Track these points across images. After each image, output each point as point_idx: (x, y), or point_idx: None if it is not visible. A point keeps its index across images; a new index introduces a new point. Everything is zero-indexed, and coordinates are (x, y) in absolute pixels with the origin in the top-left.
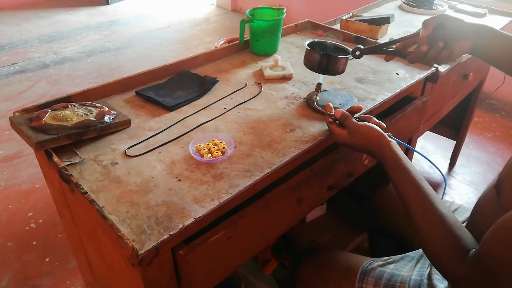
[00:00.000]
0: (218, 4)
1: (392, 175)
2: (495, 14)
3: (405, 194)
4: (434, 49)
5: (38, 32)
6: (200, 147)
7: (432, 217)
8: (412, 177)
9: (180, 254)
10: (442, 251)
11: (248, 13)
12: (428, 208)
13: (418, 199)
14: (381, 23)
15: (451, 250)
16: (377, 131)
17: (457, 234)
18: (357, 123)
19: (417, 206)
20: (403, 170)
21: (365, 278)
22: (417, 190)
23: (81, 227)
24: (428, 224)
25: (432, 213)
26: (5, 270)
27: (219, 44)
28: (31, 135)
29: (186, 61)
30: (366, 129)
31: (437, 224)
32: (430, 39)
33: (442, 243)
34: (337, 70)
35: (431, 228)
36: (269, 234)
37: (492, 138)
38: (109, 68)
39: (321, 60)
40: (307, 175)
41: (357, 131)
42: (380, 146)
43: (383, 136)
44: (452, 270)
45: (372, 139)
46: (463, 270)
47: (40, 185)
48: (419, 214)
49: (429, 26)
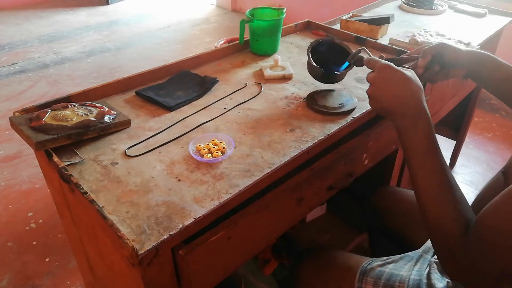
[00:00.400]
0: (218, 4)
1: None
2: (495, 14)
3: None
4: (430, 71)
5: (38, 32)
6: (200, 147)
7: (447, 185)
8: (432, 133)
9: (180, 254)
10: (448, 218)
11: (248, 13)
12: (444, 175)
13: (432, 159)
14: (381, 23)
15: (457, 219)
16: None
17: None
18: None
19: (430, 165)
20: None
21: (364, 278)
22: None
23: (81, 227)
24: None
25: (448, 181)
26: (5, 270)
27: (219, 44)
28: (31, 135)
29: (186, 61)
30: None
31: (447, 191)
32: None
33: (449, 209)
34: (336, 81)
35: (440, 193)
36: (269, 234)
37: (492, 138)
38: (109, 68)
39: (322, 76)
40: (307, 175)
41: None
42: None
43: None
44: (455, 238)
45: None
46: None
47: (40, 185)
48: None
49: (427, 56)
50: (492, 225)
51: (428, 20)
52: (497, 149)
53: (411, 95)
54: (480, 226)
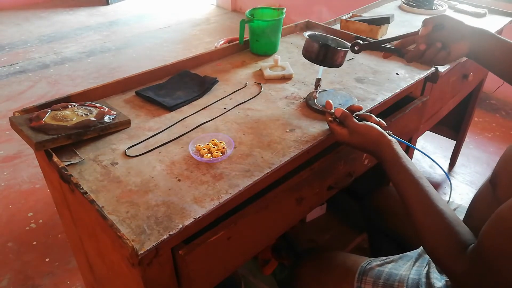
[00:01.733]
0: (218, 4)
1: (392, 174)
2: (495, 14)
3: (404, 192)
4: (432, 49)
5: (38, 33)
6: (200, 147)
7: (431, 213)
8: (411, 175)
9: (180, 254)
10: (442, 246)
11: (248, 13)
12: (428, 205)
13: (417, 197)
14: (381, 23)
15: (451, 246)
16: (376, 130)
17: (456, 230)
18: (357, 123)
19: (416, 203)
20: (402, 168)
21: (363, 278)
22: (417, 188)
23: (81, 227)
24: (428, 221)
25: (432, 210)
26: (5, 270)
27: (219, 44)
28: (31, 135)
29: (186, 61)
30: (366, 128)
31: (436, 220)
32: (429, 38)
33: (442, 239)
34: (335, 62)
35: (431, 225)
36: (269, 234)
37: (492, 138)
38: (109, 68)
39: (320, 50)
40: (307, 175)
41: (356, 131)
42: (380, 145)
43: (383, 135)
44: (452, 265)
45: (371, 138)
46: (463, 265)
47: (40, 185)
48: (419, 212)
49: (428, 25)
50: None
51: None
52: (497, 149)
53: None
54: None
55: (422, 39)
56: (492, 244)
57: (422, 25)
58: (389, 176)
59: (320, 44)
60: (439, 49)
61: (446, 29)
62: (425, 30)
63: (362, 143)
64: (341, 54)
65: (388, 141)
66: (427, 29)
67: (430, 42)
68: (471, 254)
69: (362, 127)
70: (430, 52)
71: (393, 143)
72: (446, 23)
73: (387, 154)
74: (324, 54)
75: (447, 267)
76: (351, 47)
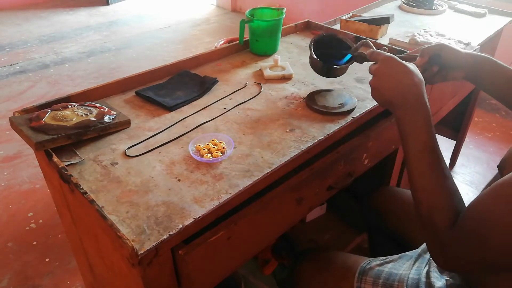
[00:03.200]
0: (218, 4)
1: (408, 117)
2: (495, 14)
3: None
4: (428, 72)
5: (38, 33)
6: (200, 147)
7: (440, 171)
8: (430, 124)
9: (180, 254)
10: (440, 205)
11: (248, 13)
12: (438, 160)
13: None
14: (381, 23)
15: (449, 207)
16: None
17: (457, 196)
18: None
19: (429, 161)
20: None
21: (363, 277)
22: (431, 140)
23: (81, 227)
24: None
25: (440, 168)
26: (5, 270)
27: (219, 44)
28: (31, 136)
29: (186, 61)
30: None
31: (441, 180)
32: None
33: (441, 197)
34: (338, 75)
35: (435, 181)
36: (269, 234)
37: (492, 138)
38: (109, 69)
39: (323, 68)
40: (307, 175)
41: (389, 58)
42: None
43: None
44: (440, 221)
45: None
46: (454, 229)
47: (40, 185)
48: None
49: (425, 56)
50: (476, 216)
51: (428, 20)
52: (497, 149)
53: (412, 86)
54: (465, 218)
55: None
56: (486, 208)
57: (420, 55)
58: (401, 120)
59: (323, 64)
60: (435, 73)
61: (443, 59)
62: (422, 60)
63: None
64: (343, 69)
65: (421, 80)
66: (423, 60)
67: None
68: (463, 218)
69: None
70: (426, 75)
71: (423, 84)
72: (443, 53)
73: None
74: (327, 71)
75: (439, 229)
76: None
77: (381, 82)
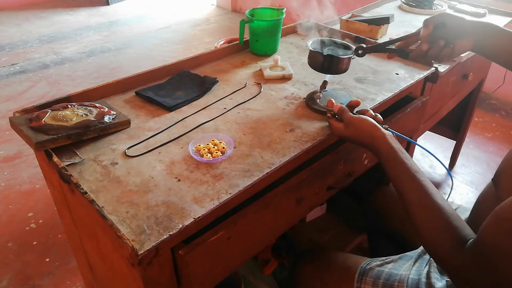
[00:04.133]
0: (218, 4)
1: (387, 168)
2: (495, 14)
3: (401, 186)
4: (435, 47)
5: (38, 33)
6: (200, 147)
7: (429, 208)
8: (407, 168)
9: (180, 254)
10: (440, 241)
11: (248, 13)
12: (425, 199)
13: (414, 191)
14: (381, 23)
15: (449, 240)
16: (370, 122)
17: (454, 224)
18: (351, 115)
19: (413, 197)
20: (398, 162)
21: (363, 278)
22: (413, 182)
23: (81, 227)
24: (425, 215)
25: (429, 204)
26: (5, 270)
27: (219, 44)
28: (31, 136)
29: (186, 61)
30: (360, 121)
31: (434, 215)
32: (431, 37)
33: (440, 233)
34: (340, 69)
35: (428, 219)
36: (269, 234)
37: (492, 138)
38: (109, 69)
39: (324, 61)
40: (307, 175)
41: (351, 123)
42: (373, 138)
43: (376, 128)
44: (450, 260)
45: (365, 130)
46: (461, 260)
47: (40, 185)
48: (416, 206)
49: (429, 25)
50: (483, 250)
51: None
52: (497, 149)
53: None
54: (473, 252)
55: (424, 39)
56: (492, 241)
57: (423, 25)
58: (385, 170)
59: (324, 55)
60: (442, 47)
61: (448, 27)
62: (426, 30)
63: (357, 136)
64: (345, 61)
65: (382, 134)
66: (428, 29)
67: (433, 41)
68: (470, 249)
69: (355, 119)
70: (433, 50)
71: (387, 136)
72: (447, 21)
73: (382, 148)
74: (329, 64)
75: (445, 262)
76: (355, 51)
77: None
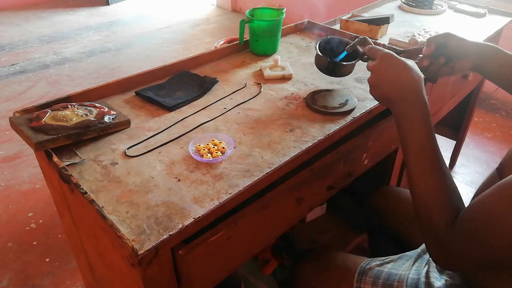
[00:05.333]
0: (218, 4)
1: (406, 115)
2: (495, 14)
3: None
4: (435, 64)
5: (38, 33)
6: (200, 147)
7: (439, 172)
8: (429, 124)
9: (180, 254)
10: (437, 206)
11: (248, 13)
12: (437, 161)
13: (430, 152)
14: (381, 23)
15: (445, 208)
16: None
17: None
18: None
19: (428, 158)
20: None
21: (363, 278)
22: (432, 143)
23: (81, 227)
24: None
25: (441, 170)
26: (5, 270)
27: (219, 44)
28: (31, 136)
29: (186, 61)
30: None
31: (440, 180)
32: (432, 55)
33: (440, 199)
34: (343, 74)
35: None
36: (269, 234)
37: (492, 138)
38: (109, 69)
39: (328, 66)
40: (307, 175)
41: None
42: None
43: (416, 69)
44: (439, 220)
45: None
46: (451, 226)
47: (40, 185)
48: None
49: (431, 45)
50: (477, 216)
51: (428, 20)
52: (497, 149)
53: (410, 82)
54: (466, 218)
55: (425, 57)
56: (484, 208)
57: (426, 44)
58: (400, 116)
59: (329, 60)
60: (442, 64)
61: (449, 47)
62: (428, 50)
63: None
64: (349, 67)
65: (419, 76)
66: (429, 49)
67: (433, 59)
68: (462, 216)
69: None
70: (433, 67)
71: (422, 81)
72: (449, 41)
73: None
74: (333, 69)
75: (434, 222)
76: (360, 57)
77: (380, 79)
